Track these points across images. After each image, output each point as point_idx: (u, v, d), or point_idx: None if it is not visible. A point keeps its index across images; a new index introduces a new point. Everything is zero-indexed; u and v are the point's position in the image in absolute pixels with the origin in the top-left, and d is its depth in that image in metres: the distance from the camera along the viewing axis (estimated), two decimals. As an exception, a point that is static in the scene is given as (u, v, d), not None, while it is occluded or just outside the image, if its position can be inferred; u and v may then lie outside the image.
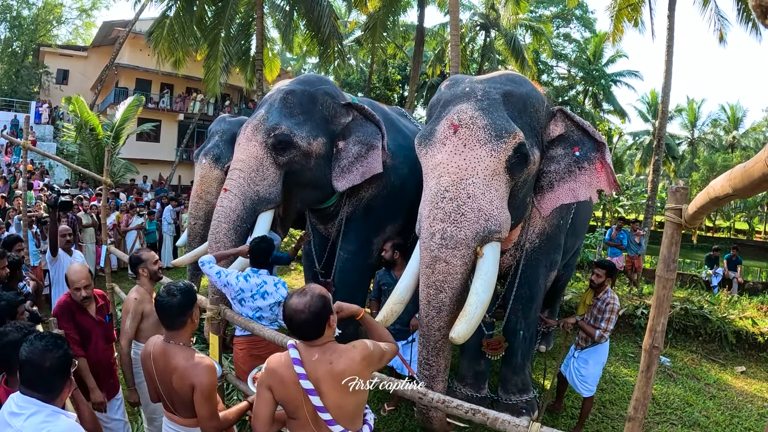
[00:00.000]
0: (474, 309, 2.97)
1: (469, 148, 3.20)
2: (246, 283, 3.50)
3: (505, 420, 2.12)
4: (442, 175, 3.22)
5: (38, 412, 1.78)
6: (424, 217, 3.27)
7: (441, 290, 3.11)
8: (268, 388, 2.00)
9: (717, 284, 11.28)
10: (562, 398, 4.74)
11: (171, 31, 14.80)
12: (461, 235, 3.09)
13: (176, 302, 2.31)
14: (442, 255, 3.10)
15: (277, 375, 1.98)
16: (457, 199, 3.13)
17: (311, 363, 1.95)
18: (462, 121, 3.27)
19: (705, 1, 13.88)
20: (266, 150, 4.19)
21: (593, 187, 3.62)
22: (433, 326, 3.15)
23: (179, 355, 2.27)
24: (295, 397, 1.94)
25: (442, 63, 23.60)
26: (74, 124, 16.13)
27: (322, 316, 1.97)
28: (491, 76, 3.69)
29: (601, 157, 3.61)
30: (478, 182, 3.16)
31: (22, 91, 27.20)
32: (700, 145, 37.57)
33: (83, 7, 32.11)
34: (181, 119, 24.36)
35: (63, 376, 1.88)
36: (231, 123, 6.11)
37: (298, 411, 1.96)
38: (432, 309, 3.14)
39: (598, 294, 4.21)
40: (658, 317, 1.77)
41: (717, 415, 4.88)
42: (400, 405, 4.56)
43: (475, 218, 3.11)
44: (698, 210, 1.49)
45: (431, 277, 3.13)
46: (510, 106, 3.42)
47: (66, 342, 1.95)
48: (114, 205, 10.34)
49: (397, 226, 5.06)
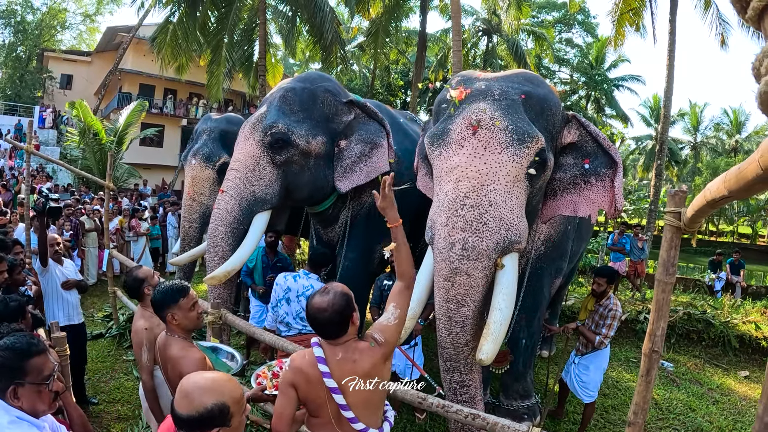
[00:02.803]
0: (498, 326, 2.81)
1: (490, 152, 3.00)
2: (294, 282, 3.60)
3: (504, 425, 2.12)
4: (461, 179, 3.01)
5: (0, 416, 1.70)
6: (440, 224, 3.03)
7: (463, 304, 2.90)
8: (292, 386, 1.96)
9: (720, 289, 11.24)
10: (563, 404, 4.71)
11: (174, 37, 14.88)
12: (483, 246, 2.89)
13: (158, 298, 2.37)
14: (463, 267, 2.88)
15: (303, 373, 1.95)
16: (479, 206, 2.92)
17: (335, 362, 1.95)
18: (481, 121, 3.05)
19: (706, 6, 13.90)
20: (263, 149, 4.09)
21: (596, 204, 3.41)
22: (459, 342, 2.94)
23: (175, 345, 2.32)
24: (319, 395, 1.94)
25: (445, 68, 23.63)
26: (78, 129, 16.19)
27: (345, 315, 1.97)
28: (507, 74, 3.50)
29: (612, 175, 3.37)
30: (499, 189, 2.96)
31: (26, 96, 27.35)
32: (702, 149, 37.54)
33: (87, 13, 32.30)
34: (185, 124, 24.44)
35: (2, 377, 1.76)
36: (217, 121, 6.02)
37: (321, 409, 1.96)
38: (455, 325, 2.92)
39: (600, 300, 4.17)
40: (657, 321, 1.77)
41: (720, 420, 4.84)
42: (401, 409, 4.54)
43: (496, 228, 2.91)
44: (696, 213, 1.49)
45: (451, 290, 2.92)
46: (528, 108, 3.22)
47: (18, 347, 1.80)
48: (117, 210, 10.36)
49: None
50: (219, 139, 5.79)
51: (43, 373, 1.82)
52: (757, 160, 0.85)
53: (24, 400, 1.76)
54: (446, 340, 2.97)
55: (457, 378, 2.99)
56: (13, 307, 2.72)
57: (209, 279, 3.88)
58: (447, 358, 3.00)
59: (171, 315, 2.31)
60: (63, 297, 4.46)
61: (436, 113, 3.60)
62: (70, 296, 4.53)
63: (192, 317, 2.38)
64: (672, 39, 13.18)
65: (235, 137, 5.73)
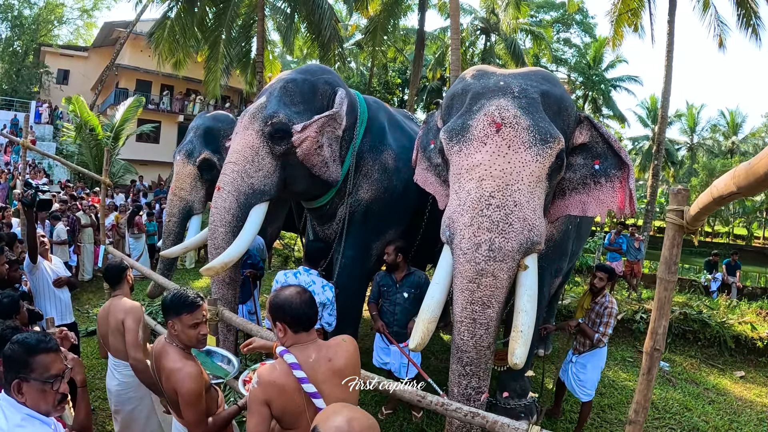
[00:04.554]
0: (527, 329, 2.78)
1: (514, 151, 2.94)
2: (295, 279, 3.58)
3: (503, 423, 2.11)
4: (485, 178, 2.94)
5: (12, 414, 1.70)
6: (463, 224, 2.94)
7: (489, 306, 2.83)
8: (265, 403, 1.84)
9: (716, 289, 11.28)
10: (560, 403, 4.71)
11: (172, 33, 14.84)
12: (509, 247, 2.84)
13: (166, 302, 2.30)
14: (489, 268, 2.82)
15: (276, 386, 1.85)
16: (505, 207, 2.87)
17: (309, 364, 1.88)
18: (505, 119, 2.99)
19: (705, 7, 13.94)
20: (263, 139, 4.01)
21: (605, 205, 3.40)
22: (483, 345, 2.87)
23: (172, 355, 2.23)
24: (297, 404, 1.85)
25: (443, 67, 23.65)
26: (74, 125, 16.12)
27: (314, 301, 2.00)
28: (524, 71, 3.47)
29: (623, 177, 3.37)
30: (523, 189, 2.92)
31: (23, 91, 27.22)
32: (699, 150, 37.67)
33: (84, 8, 32.14)
34: (181, 121, 24.36)
35: (9, 370, 1.77)
36: (204, 118, 6.17)
37: (299, 420, 1.86)
38: (480, 327, 2.84)
39: (596, 298, 4.20)
40: (659, 319, 1.76)
41: (716, 419, 4.86)
42: (398, 408, 4.54)
43: (520, 228, 2.87)
44: (701, 210, 1.48)
45: (476, 292, 2.84)
46: (546, 107, 3.18)
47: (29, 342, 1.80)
48: (112, 205, 10.32)
49: (398, 230, 4.89)
50: (202, 136, 5.91)
51: (49, 371, 1.78)
52: (770, 155, 0.84)
53: (28, 396, 1.75)
54: (469, 343, 2.88)
55: (475, 384, 2.91)
56: (6, 303, 2.70)
57: (206, 270, 3.83)
58: (467, 362, 2.90)
59: (171, 324, 2.24)
60: (56, 295, 4.34)
61: (448, 107, 3.56)
62: (62, 294, 4.42)
63: (191, 335, 2.24)
64: (670, 40, 13.21)
65: (218, 134, 5.92)
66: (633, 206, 3.35)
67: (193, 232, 5.76)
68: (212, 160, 5.74)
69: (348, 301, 4.68)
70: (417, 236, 4.98)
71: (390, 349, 4.37)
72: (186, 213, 5.79)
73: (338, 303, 4.13)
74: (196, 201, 5.83)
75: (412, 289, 4.25)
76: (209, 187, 5.78)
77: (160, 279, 4.79)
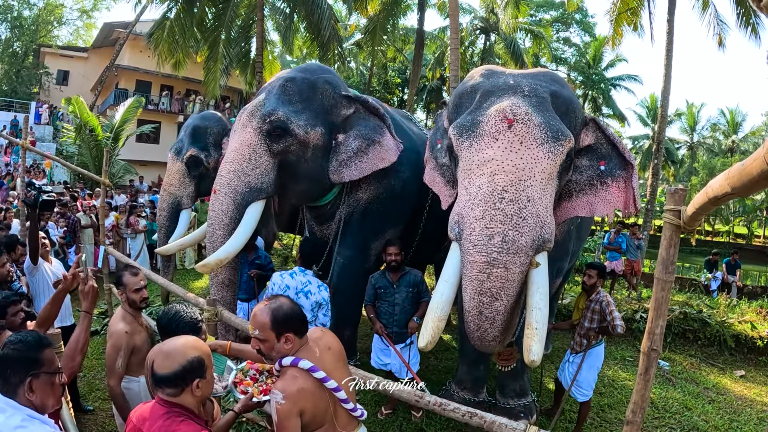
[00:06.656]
0: (542, 326, 2.75)
1: (526, 147, 2.95)
2: (292, 280, 3.58)
3: (502, 423, 2.11)
4: (497, 173, 2.93)
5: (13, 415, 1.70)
6: (473, 218, 2.92)
7: (497, 298, 2.80)
8: (297, 414, 1.86)
9: (716, 288, 11.28)
10: (559, 403, 4.71)
11: (171, 33, 14.83)
12: (522, 241, 2.82)
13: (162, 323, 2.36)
14: (501, 259, 2.79)
15: (305, 392, 1.88)
16: (518, 201, 2.86)
17: (320, 362, 1.97)
18: (517, 115, 2.99)
19: (704, 6, 13.92)
20: (261, 137, 4.00)
21: (612, 204, 3.43)
22: (487, 338, 2.85)
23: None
24: (326, 403, 1.95)
25: (442, 66, 23.65)
26: (74, 125, 16.11)
27: None
28: (533, 72, 3.52)
29: (627, 177, 3.42)
30: (535, 185, 2.91)
31: (22, 92, 27.19)
32: (699, 149, 37.65)
33: (84, 8, 32.11)
34: (181, 121, 24.33)
35: (18, 370, 1.76)
36: (193, 118, 6.58)
37: (325, 416, 1.96)
38: (485, 320, 2.82)
39: (591, 296, 4.20)
40: (656, 319, 1.76)
41: (716, 419, 4.86)
42: (397, 408, 4.53)
43: (534, 224, 2.85)
44: (697, 210, 1.48)
45: (486, 283, 2.81)
46: (556, 107, 3.21)
47: (30, 340, 1.82)
48: (110, 206, 10.30)
49: (397, 230, 4.87)
50: (190, 135, 6.24)
51: (54, 363, 1.85)
52: (763, 156, 0.84)
53: (38, 393, 1.77)
54: (475, 334, 2.89)
55: (479, 374, 3.00)
56: None
57: (201, 267, 3.82)
58: (468, 353, 2.97)
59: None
60: None
61: (456, 105, 3.57)
62: None
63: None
64: (670, 39, 13.20)
65: (205, 132, 6.23)
66: (637, 205, 3.39)
67: (182, 226, 6.05)
68: (199, 156, 6.07)
69: (347, 301, 4.68)
70: (416, 236, 4.98)
71: (390, 349, 4.36)
72: (175, 207, 6.12)
73: (337, 304, 4.13)
74: (184, 196, 6.16)
75: (410, 288, 4.24)
76: (198, 183, 6.19)
77: (159, 280, 4.80)
